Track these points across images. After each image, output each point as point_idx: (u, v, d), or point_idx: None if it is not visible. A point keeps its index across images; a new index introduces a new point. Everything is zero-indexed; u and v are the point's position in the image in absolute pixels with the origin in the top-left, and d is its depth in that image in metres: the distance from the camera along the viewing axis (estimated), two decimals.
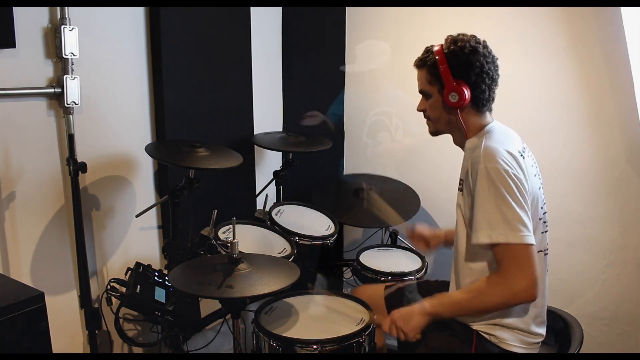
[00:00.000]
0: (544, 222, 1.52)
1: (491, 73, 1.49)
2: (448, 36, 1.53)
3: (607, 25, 2.06)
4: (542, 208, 1.50)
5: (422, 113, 1.62)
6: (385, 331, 1.52)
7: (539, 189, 1.50)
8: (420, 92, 1.59)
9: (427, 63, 1.52)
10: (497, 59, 1.51)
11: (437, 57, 1.49)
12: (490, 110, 1.55)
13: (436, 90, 1.52)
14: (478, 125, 1.53)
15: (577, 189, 2.24)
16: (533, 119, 2.25)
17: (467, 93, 1.47)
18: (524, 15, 2.21)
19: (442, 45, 1.51)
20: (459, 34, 1.52)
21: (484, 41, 1.51)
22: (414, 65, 1.59)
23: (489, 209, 1.36)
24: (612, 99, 2.12)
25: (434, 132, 1.63)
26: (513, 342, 1.48)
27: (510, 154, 1.40)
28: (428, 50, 1.54)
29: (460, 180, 1.55)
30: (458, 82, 1.47)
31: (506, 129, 1.56)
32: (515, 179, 1.36)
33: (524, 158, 1.44)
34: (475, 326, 1.51)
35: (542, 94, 2.26)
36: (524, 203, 1.36)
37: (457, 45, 1.48)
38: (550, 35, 2.19)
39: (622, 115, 2.11)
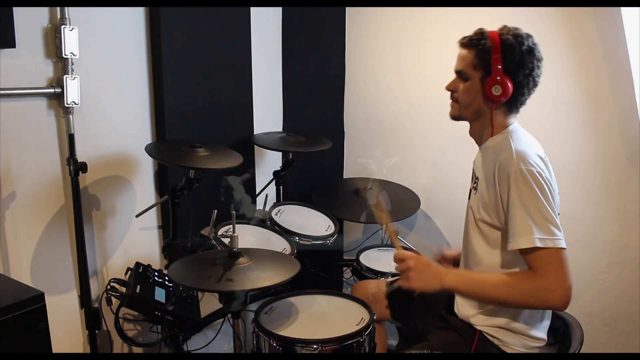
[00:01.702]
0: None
1: (537, 78, 1.46)
2: (504, 26, 1.47)
3: (607, 25, 2.06)
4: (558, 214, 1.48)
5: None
6: (395, 263, 1.48)
7: (558, 193, 1.49)
8: (458, 72, 1.51)
9: (477, 45, 1.45)
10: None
11: (491, 44, 1.42)
12: (517, 113, 1.53)
13: (478, 77, 1.46)
14: (502, 124, 1.50)
15: (577, 189, 2.24)
16: (533, 119, 2.23)
17: (510, 90, 1.43)
18: (524, 15, 2.20)
19: (498, 32, 1.44)
20: (516, 28, 1.45)
21: (537, 43, 1.46)
22: (461, 42, 1.50)
23: (525, 214, 1.32)
24: (612, 99, 2.12)
25: (456, 117, 1.56)
26: (516, 347, 1.47)
27: (540, 157, 1.40)
28: (481, 33, 1.46)
29: (475, 178, 1.53)
30: (505, 77, 1.42)
31: (527, 132, 1.54)
32: (547, 181, 1.35)
33: (545, 164, 1.43)
34: (480, 327, 1.50)
35: (542, 94, 2.24)
36: (554, 206, 1.36)
37: (516, 40, 1.42)
38: (550, 35, 2.19)
39: (622, 115, 2.11)
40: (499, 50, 1.41)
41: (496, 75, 1.42)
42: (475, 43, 1.45)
